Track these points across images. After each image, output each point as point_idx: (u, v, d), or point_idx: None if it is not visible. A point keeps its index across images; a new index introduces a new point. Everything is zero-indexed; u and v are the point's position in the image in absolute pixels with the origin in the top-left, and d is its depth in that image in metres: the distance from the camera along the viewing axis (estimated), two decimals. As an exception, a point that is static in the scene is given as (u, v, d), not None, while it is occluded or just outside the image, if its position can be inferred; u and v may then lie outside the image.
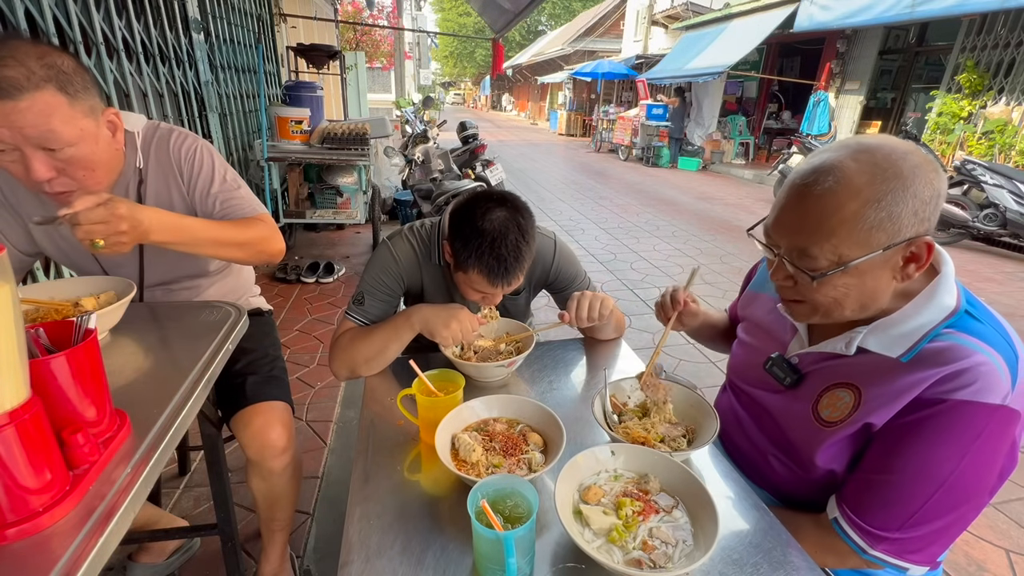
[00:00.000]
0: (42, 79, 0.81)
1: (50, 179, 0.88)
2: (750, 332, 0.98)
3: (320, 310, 3.06)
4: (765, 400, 0.89)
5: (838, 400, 0.75)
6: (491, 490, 0.64)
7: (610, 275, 3.95)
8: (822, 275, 0.67)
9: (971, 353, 0.64)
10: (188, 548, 1.42)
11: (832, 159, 0.66)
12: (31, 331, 0.61)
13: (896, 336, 0.71)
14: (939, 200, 0.65)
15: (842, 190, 0.63)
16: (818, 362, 0.80)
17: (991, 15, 5.98)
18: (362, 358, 1.05)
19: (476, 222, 0.96)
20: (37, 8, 1.75)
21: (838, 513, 0.74)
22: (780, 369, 0.84)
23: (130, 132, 1.08)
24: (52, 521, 0.54)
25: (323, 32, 7.69)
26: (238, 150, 3.59)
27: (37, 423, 0.53)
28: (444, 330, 0.99)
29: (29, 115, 0.80)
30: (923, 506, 0.67)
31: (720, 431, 0.98)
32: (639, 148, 10.62)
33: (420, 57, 25.42)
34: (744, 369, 0.97)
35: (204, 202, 1.11)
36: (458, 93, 45.46)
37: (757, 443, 0.90)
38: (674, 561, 0.60)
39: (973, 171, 4.68)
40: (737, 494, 0.77)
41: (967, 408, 0.63)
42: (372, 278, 1.12)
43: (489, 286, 0.99)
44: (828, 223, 0.65)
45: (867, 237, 0.64)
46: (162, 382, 0.79)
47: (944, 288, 0.70)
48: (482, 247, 0.94)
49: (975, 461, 0.65)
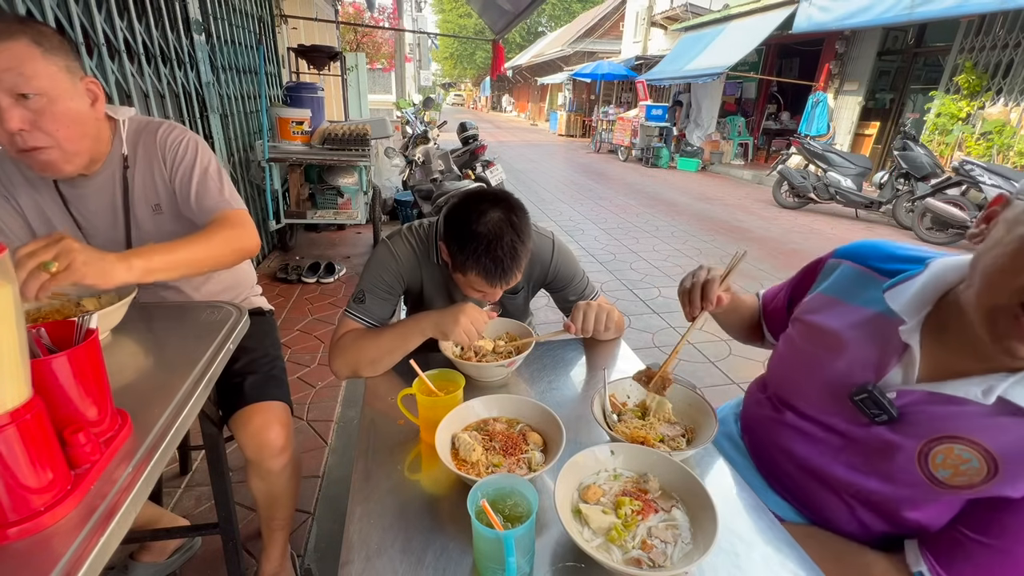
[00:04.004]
0: (18, 31, 0.85)
1: (21, 130, 0.88)
2: (819, 343, 0.80)
3: (321, 310, 3.06)
4: (839, 429, 0.75)
5: (959, 459, 0.62)
6: (491, 489, 0.64)
7: (610, 275, 3.95)
8: None
9: None
10: (189, 547, 1.42)
11: None
12: (32, 331, 0.62)
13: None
14: None
15: None
16: (928, 404, 0.66)
17: (989, 16, 5.99)
18: (366, 360, 1.05)
19: (471, 225, 0.96)
20: (38, 8, 1.76)
21: (925, 568, 0.66)
22: (875, 403, 0.69)
23: (116, 120, 1.10)
24: (53, 520, 0.54)
25: (324, 33, 7.70)
26: (239, 151, 3.59)
27: (39, 422, 0.53)
28: (455, 327, 0.98)
29: (1, 59, 0.83)
30: None
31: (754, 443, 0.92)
32: (638, 149, 10.62)
33: (420, 58, 25.43)
34: (805, 386, 0.81)
35: (183, 189, 1.12)
36: (458, 94, 45.46)
37: (813, 470, 0.78)
38: (673, 560, 0.61)
39: (971, 172, 4.69)
40: (736, 494, 0.77)
41: None
42: (372, 276, 1.12)
43: (488, 287, 1.00)
44: None
45: None
46: (163, 382, 0.80)
47: None
48: (478, 250, 0.95)
49: None
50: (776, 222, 5.93)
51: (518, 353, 1.05)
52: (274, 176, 3.39)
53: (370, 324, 1.11)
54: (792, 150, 6.59)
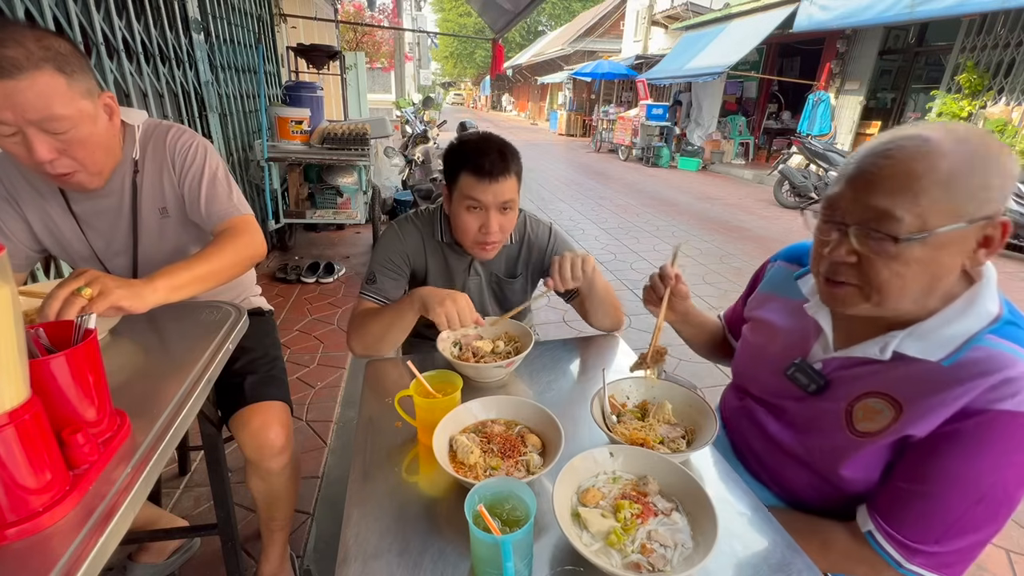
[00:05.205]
0: (41, 59, 0.82)
1: (52, 160, 0.89)
2: (761, 333, 0.94)
3: (320, 310, 3.06)
4: (785, 406, 0.85)
5: (874, 411, 0.71)
6: (489, 493, 0.64)
7: (610, 275, 3.95)
8: (909, 238, 0.61)
9: (1016, 362, 0.62)
10: (188, 548, 1.42)
11: (912, 130, 0.64)
12: (31, 331, 0.62)
13: (937, 340, 0.67)
14: (1015, 183, 0.63)
15: (933, 153, 0.61)
16: (846, 368, 0.77)
17: (991, 15, 5.98)
18: (372, 337, 1.12)
19: (457, 143, 1.12)
20: (37, 8, 1.75)
21: (872, 526, 0.71)
22: (804, 375, 0.80)
23: (130, 125, 1.10)
24: (52, 521, 0.54)
25: (323, 32, 7.69)
26: (238, 150, 3.59)
27: (37, 423, 0.53)
28: (439, 307, 0.99)
29: (30, 94, 0.82)
30: (961, 518, 0.65)
31: (730, 433, 0.97)
32: (639, 148, 10.61)
33: (420, 57, 25.39)
34: (754, 372, 0.93)
35: (191, 194, 1.12)
36: (458, 93, 45.42)
37: (774, 449, 0.86)
38: (673, 564, 0.60)
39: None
40: (737, 496, 0.76)
41: (1009, 418, 0.61)
42: (381, 257, 1.21)
43: (479, 185, 1.06)
44: (918, 182, 0.61)
45: (956, 204, 0.60)
46: (162, 382, 0.80)
47: (987, 294, 0.67)
48: (466, 152, 1.08)
49: (1017, 472, 0.63)
50: (777, 222, 5.92)
51: (516, 354, 1.05)
52: (273, 176, 3.38)
53: (382, 301, 1.18)
54: (793, 149, 6.58)
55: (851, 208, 0.67)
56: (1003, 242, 0.63)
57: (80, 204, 1.08)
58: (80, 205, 1.09)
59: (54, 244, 1.12)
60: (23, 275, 1.18)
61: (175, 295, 0.90)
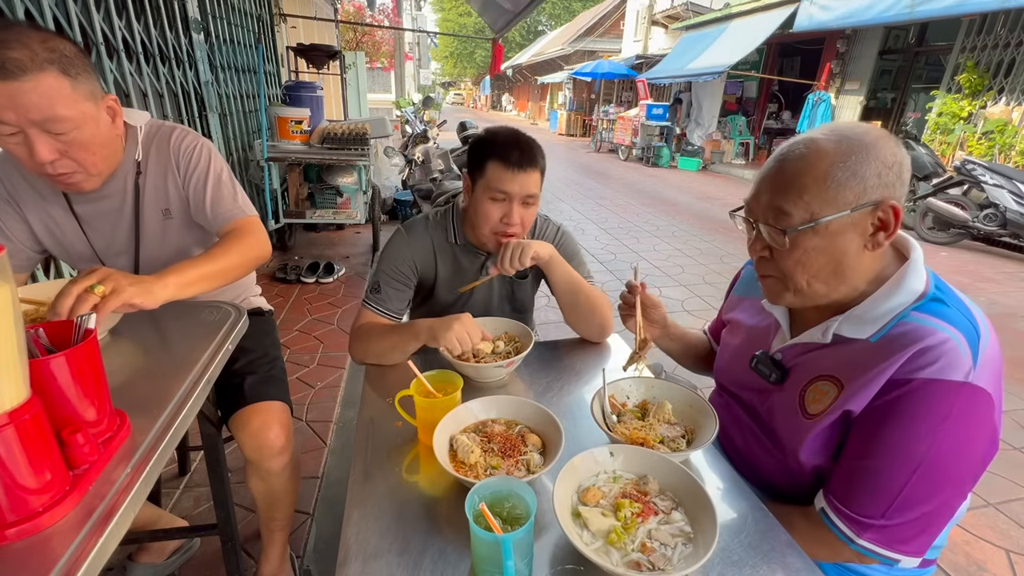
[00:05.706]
0: (45, 61, 0.82)
1: (53, 160, 0.89)
2: (735, 334, 1.00)
3: (320, 310, 3.06)
4: (754, 399, 0.90)
5: (822, 393, 0.76)
6: (489, 492, 0.64)
7: (610, 275, 3.95)
8: (795, 229, 0.70)
9: (932, 332, 0.66)
10: (188, 548, 1.42)
11: (805, 135, 0.73)
12: (31, 331, 0.62)
13: (868, 320, 0.73)
14: (902, 168, 0.69)
15: (812, 154, 0.69)
16: (800, 355, 0.82)
17: (991, 15, 5.98)
18: (374, 353, 1.12)
19: (487, 133, 1.13)
20: (37, 8, 1.75)
21: (824, 503, 0.75)
22: (765, 366, 0.86)
23: (132, 127, 1.09)
24: (52, 521, 0.54)
25: (323, 32, 7.69)
26: (238, 150, 3.59)
27: (37, 423, 0.53)
28: (448, 332, 0.99)
29: (33, 96, 0.82)
30: (903, 489, 0.68)
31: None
32: (639, 148, 10.61)
33: (420, 57, 25.40)
34: (730, 370, 0.98)
35: (196, 196, 1.12)
36: (458, 93, 45.41)
37: (750, 442, 0.91)
38: (673, 563, 0.60)
39: (973, 171, 4.68)
40: (736, 495, 0.77)
41: (933, 386, 0.65)
42: (386, 266, 1.19)
43: (507, 174, 1.07)
44: (801, 180, 0.69)
45: (835, 195, 0.68)
46: (162, 382, 0.80)
47: (913, 273, 0.72)
48: (496, 142, 1.09)
49: (950, 441, 0.66)
50: (776, 222, 5.92)
51: (517, 354, 1.05)
52: (273, 175, 3.38)
53: (386, 314, 1.17)
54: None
55: (756, 208, 0.76)
56: (897, 225, 0.69)
57: (82, 205, 1.08)
58: (82, 206, 1.08)
59: (55, 245, 1.12)
60: (24, 276, 1.18)
61: (184, 292, 0.91)
